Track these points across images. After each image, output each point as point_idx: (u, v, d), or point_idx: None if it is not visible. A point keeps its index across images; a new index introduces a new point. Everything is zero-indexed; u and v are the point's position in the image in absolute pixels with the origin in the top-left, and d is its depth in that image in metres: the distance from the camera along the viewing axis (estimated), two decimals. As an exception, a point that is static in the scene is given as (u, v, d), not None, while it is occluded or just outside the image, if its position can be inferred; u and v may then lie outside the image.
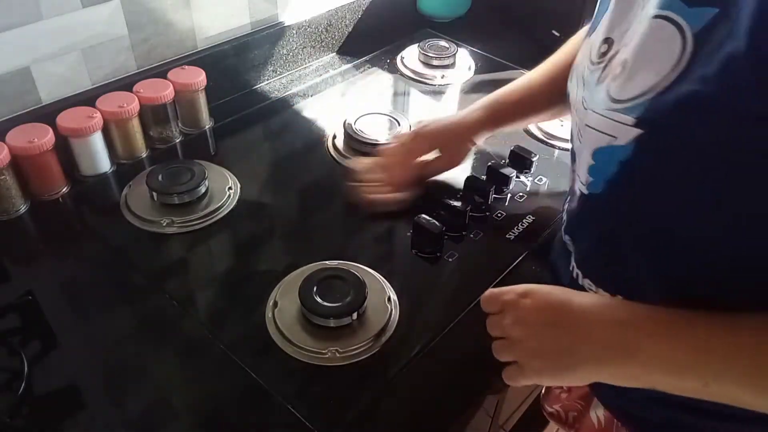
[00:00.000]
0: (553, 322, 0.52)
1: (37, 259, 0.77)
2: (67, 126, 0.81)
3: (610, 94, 0.50)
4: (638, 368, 0.49)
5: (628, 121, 0.47)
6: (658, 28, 0.46)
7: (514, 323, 0.54)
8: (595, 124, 0.51)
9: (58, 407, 0.60)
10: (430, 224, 0.75)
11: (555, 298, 0.53)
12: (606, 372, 0.51)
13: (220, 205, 0.81)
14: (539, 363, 0.53)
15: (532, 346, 0.53)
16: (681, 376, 0.48)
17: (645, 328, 0.49)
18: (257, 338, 0.66)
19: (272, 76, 1.10)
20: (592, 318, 0.51)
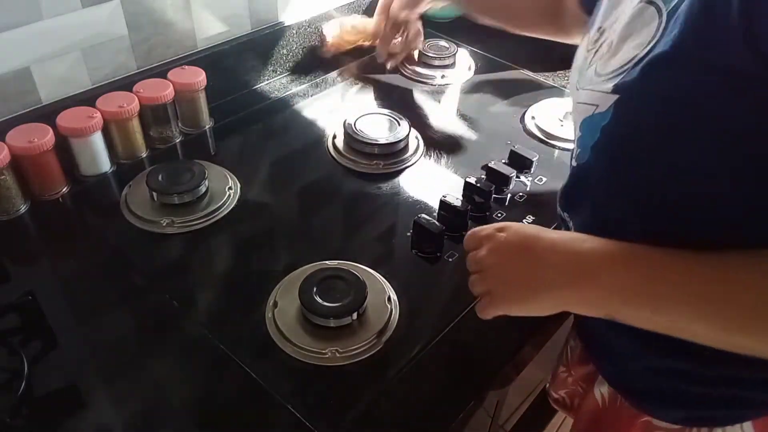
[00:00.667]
0: (520, 253, 0.56)
1: (37, 259, 0.77)
2: (67, 126, 0.81)
3: (596, 71, 0.54)
4: (595, 293, 0.51)
5: (608, 89, 0.50)
6: (642, 10, 0.50)
7: (487, 254, 0.57)
8: (583, 99, 0.55)
9: (58, 407, 0.60)
10: (430, 224, 0.75)
11: (526, 232, 0.57)
12: (567, 298, 0.53)
13: (220, 205, 0.81)
14: (507, 290, 0.57)
15: (501, 275, 0.57)
16: (635, 305, 0.50)
17: (605, 257, 0.51)
18: (257, 338, 0.66)
19: (272, 76, 1.10)
20: (557, 248, 0.54)
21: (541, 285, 0.54)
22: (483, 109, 1.06)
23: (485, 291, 0.58)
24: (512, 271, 0.56)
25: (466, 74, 1.14)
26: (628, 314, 0.51)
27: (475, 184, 0.81)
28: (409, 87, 1.12)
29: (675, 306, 0.48)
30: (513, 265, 0.56)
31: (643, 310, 0.50)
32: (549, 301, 0.55)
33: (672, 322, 0.49)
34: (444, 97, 1.10)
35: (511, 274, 0.56)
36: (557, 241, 0.54)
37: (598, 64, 0.54)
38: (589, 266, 0.52)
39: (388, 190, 0.88)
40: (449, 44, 1.17)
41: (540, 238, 0.55)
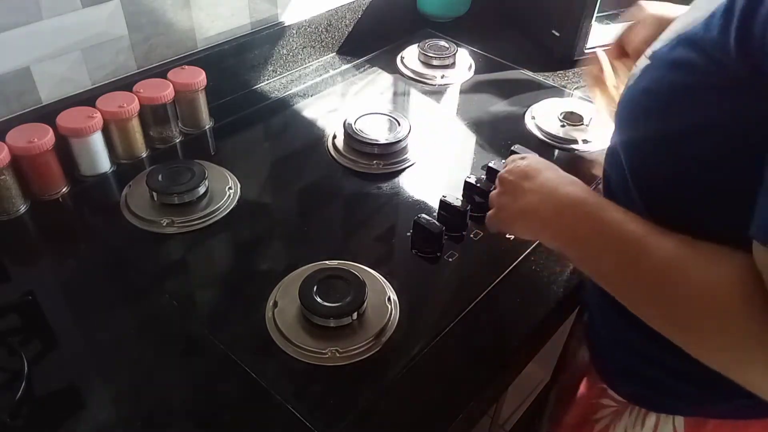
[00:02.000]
0: (522, 179, 0.63)
1: (37, 259, 0.77)
2: (67, 126, 0.81)
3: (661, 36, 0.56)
4: (555, 234, 0.59)
5: (647, 55, 0.54)
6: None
7: (504, 174, 0.66)
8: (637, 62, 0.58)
9: (58, 407, 0.60)
10: (430, 224, 0.75)
11: (536, 165, 0.64)
12: (535, 228, 0.62)
13: (220, 205, 0.81)
14: (503, 210, 0.65)
15: (504, 194, 0.65)
16: (575, 249, 0.56)
17: (568, 201, 0.57)
18: (257, 338, 0.66)
19: (272, 76, 1.10)
20: (542, 186, 0.61)
21: (522, 212, 0.62)
22: (483, 109, 1.06)
23: (494, 205, 0.67)
24: (511, 193, 0.64)
25: (466, 74, 1.14)
26: (571, 255, 0.58)
27: (475, 184, 0.81)
28: (409, 87, 1.12)
29: (599, 261, 0.53)
30: (513, 189, 0.64)
31: (578, 256, 0.56)
32: (524, 228, 0.63)
33: (600, 279, 0.53)
34: (444, 97, 1.10)
35: (510, 195, 0.64)
36: (550, 179, 0.61)
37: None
38: (556, 207, 0.58)
39: (388, 190, 0.88)
40: (449, 44, 1.17)
41: (541, 173, 0.62)
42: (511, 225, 0.65)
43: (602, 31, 1.14)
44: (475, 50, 1.22)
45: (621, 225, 0.51)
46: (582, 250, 0.55)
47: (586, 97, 1.08)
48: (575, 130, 0.98)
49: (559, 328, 0.77)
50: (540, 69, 1.16)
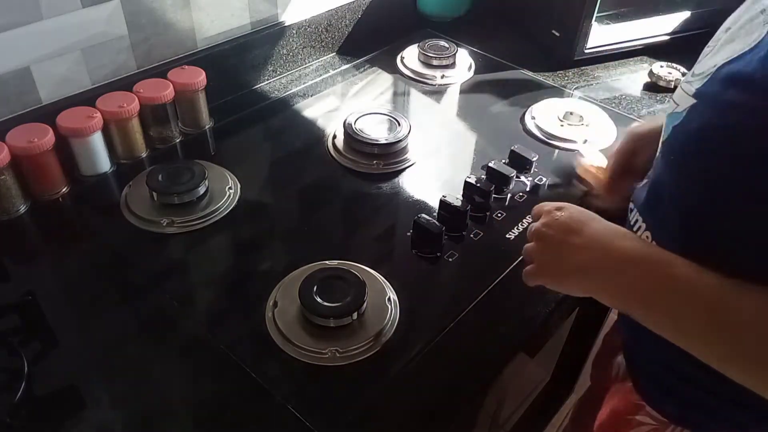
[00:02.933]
0: (567, 234, 0.59)
1: (37, 259, 0.77)
2: (67, 126, 0.81)
3: (694, 70, 0.55)
4: (615, 290, 0.55)
5: (690, 91, 0.53)
6: (753, 18, 0.50)
7: (540, 228, 0.61)
8: (675, 95, 0.57)
9: (58, 407, 0.60)
10: (430, 224, 0.75)
11: (578, 216, 0.60)
12: (592, 287, 0.57)
13: (220, 205, 0.81)
14: (548, 266, 0.61)
15: (547, 250, 0.61)
16: (646, 309, 0.53)
17: (629, 258, 0.54)
18: (257, 338, 0.66)
19: (272, 76, 1.10)
20: (597, 239, 0.57)
21: (575, 269, 0.58)
22: (483, 109, 1.06)
23: (532, 260, 0.62)
24: (556, 249, 0.60)
25: (466, 74, 1.14)
26: (638, 315, 0.53)
27: (475, 184, 0.81)
28: (409, 87, 1.12)
29: (678, 320, 0.50)
30: (557, 244, 0.60)
31: (649, 315, 0.53)
32: (577, 286, 0.59)
33: (674, 336, 0.51)
34: (444, 97, 1.10)
35: (555, 252, 0.60)
36: (599, 232, 0.57)
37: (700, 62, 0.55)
38: (614, 263, 0.55)
39: (388, 190, 0.88)
40: (449, 44, 1.17)
41: (587, 225, 0.58)
42: (559, 283, 0.61)
43: (602, 31, 1.14)
44: (475, 50, 1.22)
45: (695, 280, 0.49)
46: (652, 308, 0.52)
47: (586, 97, 1.08)
48: (575, 130, 0.98)
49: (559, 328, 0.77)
50: (540, 69, 1.16)
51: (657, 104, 1.07)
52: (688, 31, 1.20)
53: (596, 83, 1.13)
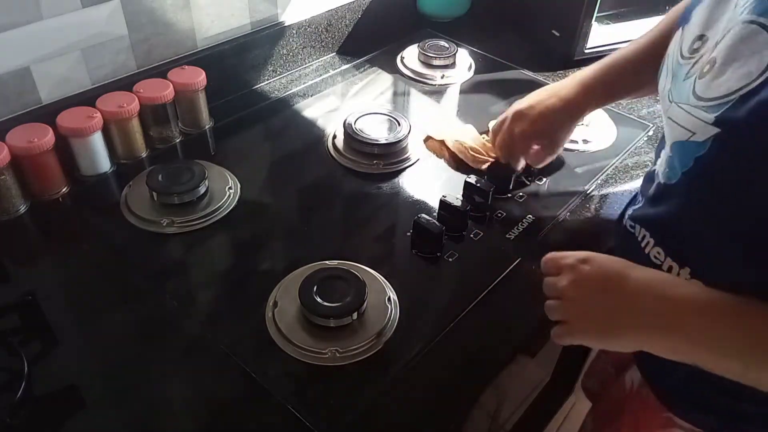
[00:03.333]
0: (606, 289, 0.55)
1: (37, 259, 0.77)
2: (67, 126, 0.81)
3: (695, 91, 0.51)
4: (682, 342, 0.51)
5: (708, 119, 0.49)
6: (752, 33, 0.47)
7: (569, 285, 0.56)
8: (676, 118, 0.54)
9: (58, 407, 0.60)
10: (430, 224, 0.75)
11: (612, 267, 0.55)
12: (650, 342, 0.53)
13: (220, 205, 0.81)
14: (587, 324, 0.56)
15: (584, 308, 0.56)
16: (723, 356, 0.50)
17: (693, 305, 0.51)
18: (257, 338, 0.66)
19: (272, 76, 1.10)
20: (643, 290, 0.53)
21: (625, 325, 0.54)
22: (483, 109, 1.06)
23: (564, 319, 0.58)
24: (595, 307, 0.55)
25: (466, 74, 1.14)
26: (708, 362, 0.51)
27: (475, 184, 0.81)
28: (409, 87, 1.12)
29: (760, 361, 0.48)
30: (596, 302, 0.55)
31: (730, 363, 0.50)
32: (631, 342, 0.54)
33: (744, 376, 0.49)
34: (444, 97, 1.10)
35: (594, 309, 0.55)
36: (643, 282, 0.54)
37: (698, 82, 0.52)
38: (676, 315, 0.51)
39: (388, 190, 0.88)
40: (449, 44, 1.17)
41: (627, 277, 0.54)
42: (605, 342, 0.57)
43: (602, 31, 1.14)
44: (475, 50, 1.22)
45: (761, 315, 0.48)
46: (724, 357, 0.50)
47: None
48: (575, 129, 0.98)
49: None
50: (540, 69, 1.16)
51: (657, 104, 1.07)
52: (688, 31, 1.20)
53: (596, 83, 1.13)
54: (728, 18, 0.51)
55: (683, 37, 0.57)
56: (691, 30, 0.56)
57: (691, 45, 0.55)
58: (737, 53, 0.48)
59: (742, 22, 0.48)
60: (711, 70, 0.50)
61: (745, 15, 0.48)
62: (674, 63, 0.57)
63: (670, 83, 0.57)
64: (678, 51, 0.57)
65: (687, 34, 0.57)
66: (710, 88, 0.50)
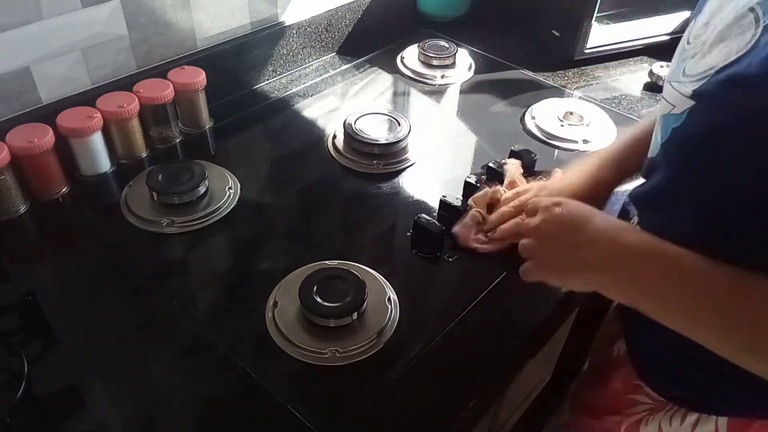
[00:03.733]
0: (570, 230, 0.58)
1: (37, 259, 0.77)
2: (67, 126, 0.81)
3: (685, 70, 0.54)
4: (622, 282, 0.55)
5: (686, 93, 0.52)
6: (742, 16, 0.49)
7: (540, 223, 0.61)
8: (666, 95, 0.56)
9: (58, 407, 0.60)
10: (430, 224, 0.75)
11: (579, 212, 0.59)
12: (598, 281, 0.57)
13: (220, 205, 0.81)
14: (549, 261, 0.61)
15: (549, 246, 0.61)
16: (658, 302, 0.53)
17: (640, 250, 0.54)
18: (257, 338, 0.66)
19: (272, 76, 1.10)
20: (602, 234, 0.57)
21: (579, 264, 0.58)
22: (483, 109, 1.06)
23: (532, 256, 0.62)
24: (558, 245, 0.60)
25: (466, 74, 1.14)
26: (649, 308, 0.54)
27: (475, 184, 0.81)
28: (409, 87, 1.12)
29: (692, 312, 0.51)
30: (559, 240, 0.59)
31: (661, 308, 0.53)
32: (582, 280, 0.59)
33: (688, 328, 0.51)
34: (444, 97, 1.10)
35: (557, 247, 0.60)
36: (605, 227, 0.57)
37: (688, 62, 0.54)
38: (624, 258, 0.55)
39: (388, 190, 0.88)
40: (449, 44, 1.17)
41: (589, 221, 0.58)
42: (563, 279, 0.61)
43: (602, 31, 1.14)
44: (475, 50, 1.22)
45: (709, 272, 0.49)
46: (665, 302, 0.53)
47: (586, 97, 1.08)
48: (575, 130, 0.98)
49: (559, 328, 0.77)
50: (540, 69, 1.16)
51: (657, 104, 1.07)
52: (688, 31, 1.20)
53: (596, 83, 1.13)
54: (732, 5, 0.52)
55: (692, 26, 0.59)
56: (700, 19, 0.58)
57: (696, 32, 0.57)
58: (727, 34, 0.50)
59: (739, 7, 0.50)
60: (701, 51, 0.53)
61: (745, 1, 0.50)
62: (680, 49, 0.59)
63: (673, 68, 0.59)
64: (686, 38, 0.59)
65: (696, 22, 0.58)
66: (696, 66, 0.52)
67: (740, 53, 0.47)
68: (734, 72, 0.46)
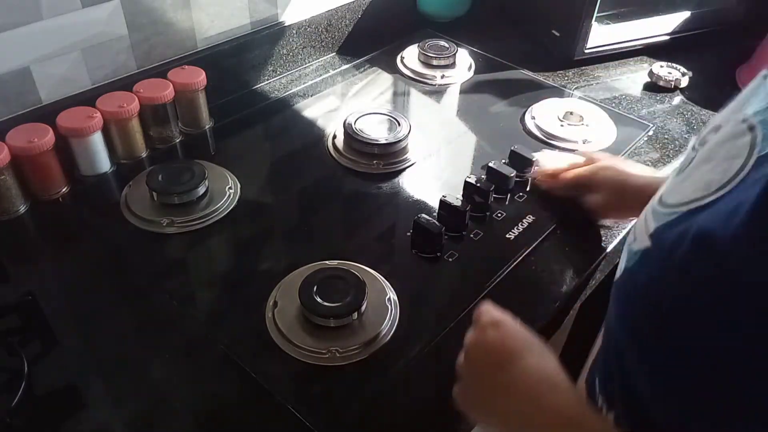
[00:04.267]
0: (493, 366, 0.53)
1: (37, 259, 0.77)
2: (67, 126, 0.81)
3: (662, 195, 0.45)
4: None
5: (649, 229, 0.43)
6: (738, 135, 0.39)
7: (471, 345, 0.56)
8: (638, 224, 0.48)
9: (58, 407, 0.60)
10: (430, 224, 0.75)
11: (510, 346, 0.53)
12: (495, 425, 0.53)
13: (220, 205, 0.81)
14: (468, 394, 0.56)
15: (471, 374, 0.56)
16: None
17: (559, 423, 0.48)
18: (257, 338, 0.66)
19: (272, 76, 1.10)
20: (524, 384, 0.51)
21: (491, 410, 0.53)
22: (483, 109, 1.06)
23: (459, 377, 0.57)
24: (478, 381, 0.55)
25: (466, 74, 1.14)
26: None
27: (475, 184, 0.81)
28: (409, 87, 1.12)
29: None
30: (480, 376, 0.55)
31: None
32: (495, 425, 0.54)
33: None
34: (444, 97, 1.10)
35: (476, 383, 0.55)
36: (530, 375, 0.51)
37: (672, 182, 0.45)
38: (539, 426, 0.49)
39: (388, 190, 0.88)
40: (449, 44, 1.17)
41: (517, 360, 0.52)
42: (476, 417, 0.57)
43: (602, 31, 1.14)
44: (475, 50, 1.22)
45: None
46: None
47: (586, 97, 1.08)
48: (575, 130, 0.98)
49: (559, 328, 0.77)
50: (540, 69, 1.16)
51: (657, 104, 1.07)
52: (688, 31, 1.20)
53: (596, 83, 1.13)
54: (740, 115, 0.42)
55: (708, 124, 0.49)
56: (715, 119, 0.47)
57: (704, 136, 0.46)
58: (716, 153, 0.41)
59: (739, 120, 0.41)
60: (681, 173, 0.44)
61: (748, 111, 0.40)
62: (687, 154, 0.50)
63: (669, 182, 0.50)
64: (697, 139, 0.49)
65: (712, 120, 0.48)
66: (671, 192, 0.43)
67: (720, 189, 0.37)
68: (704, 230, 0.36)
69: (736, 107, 0.44)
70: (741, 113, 0.41)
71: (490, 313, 0.56)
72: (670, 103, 1.08)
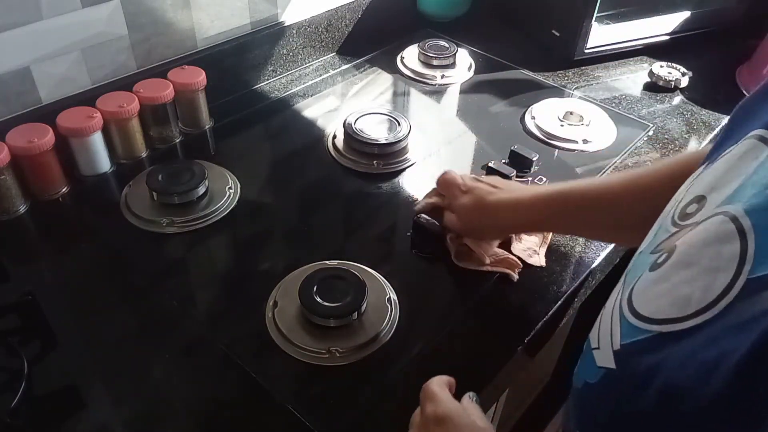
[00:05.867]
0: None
1: (37, 259, 0.77)
2: (67, 126, 0.81)
3: (632, 293, 0.37)
4: None
5: (615, 342, 0.37)
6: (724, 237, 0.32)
7: (414, 416, 0.54)
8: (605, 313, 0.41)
9: (58, 407, 0.60)
10: (430, 224, 0.75)
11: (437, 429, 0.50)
12: None
13: (220, 205, 0.81)
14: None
15: None
16: None
17: None
18: (257, 338, 0.66)
19: (272, 76, 1.10)
20: None
21: None
22: (483, 109, 1.06)
23: None
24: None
25: (466, 74, 1.14)
26: None
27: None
28: (409, 87, 1.12)
29: None
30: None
31: None
32: None
33: None
34: (444, 97, 1.10)
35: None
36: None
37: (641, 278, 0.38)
38: None
39: (388, 190, 0.88)
40: (449, 44, 1.17)
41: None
42: None
43: (602, 31, 1.14)
44: (475, 50, 1.22)
45: None
46: None
47: (586, 97, 1.08)
48: (575, 130, 0.98)
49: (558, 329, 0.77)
50: (540, 69, 1.16)
51: (657, 104, 1.07)
52: (688, 31, 1.21)
53: (596, 83, 1.13)
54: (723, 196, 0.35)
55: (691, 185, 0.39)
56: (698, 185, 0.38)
57: (685, 207, 0.38)
58: (697, 256, 0.33)
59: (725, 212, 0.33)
60: (661, 266, 0.36)
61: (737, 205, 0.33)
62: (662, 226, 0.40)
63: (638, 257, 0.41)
64: (674, 209, 0.40)
65: (696, 183, 0.39)
66: (642, 298, 0.36)
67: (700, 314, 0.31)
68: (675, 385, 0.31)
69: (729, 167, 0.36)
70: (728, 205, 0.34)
71: (435, 401, 0.52)
72: (670, 103, 1.08)
